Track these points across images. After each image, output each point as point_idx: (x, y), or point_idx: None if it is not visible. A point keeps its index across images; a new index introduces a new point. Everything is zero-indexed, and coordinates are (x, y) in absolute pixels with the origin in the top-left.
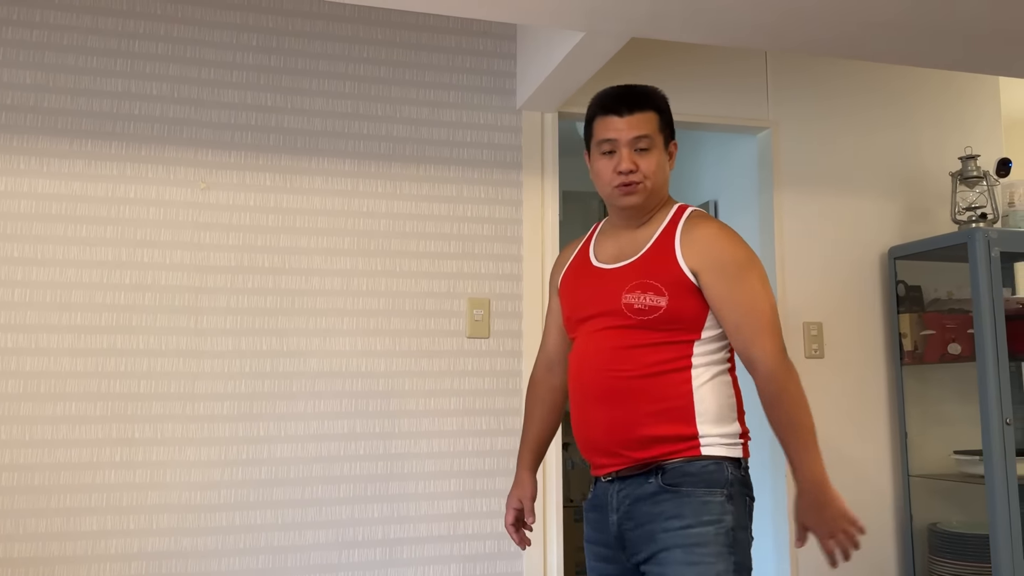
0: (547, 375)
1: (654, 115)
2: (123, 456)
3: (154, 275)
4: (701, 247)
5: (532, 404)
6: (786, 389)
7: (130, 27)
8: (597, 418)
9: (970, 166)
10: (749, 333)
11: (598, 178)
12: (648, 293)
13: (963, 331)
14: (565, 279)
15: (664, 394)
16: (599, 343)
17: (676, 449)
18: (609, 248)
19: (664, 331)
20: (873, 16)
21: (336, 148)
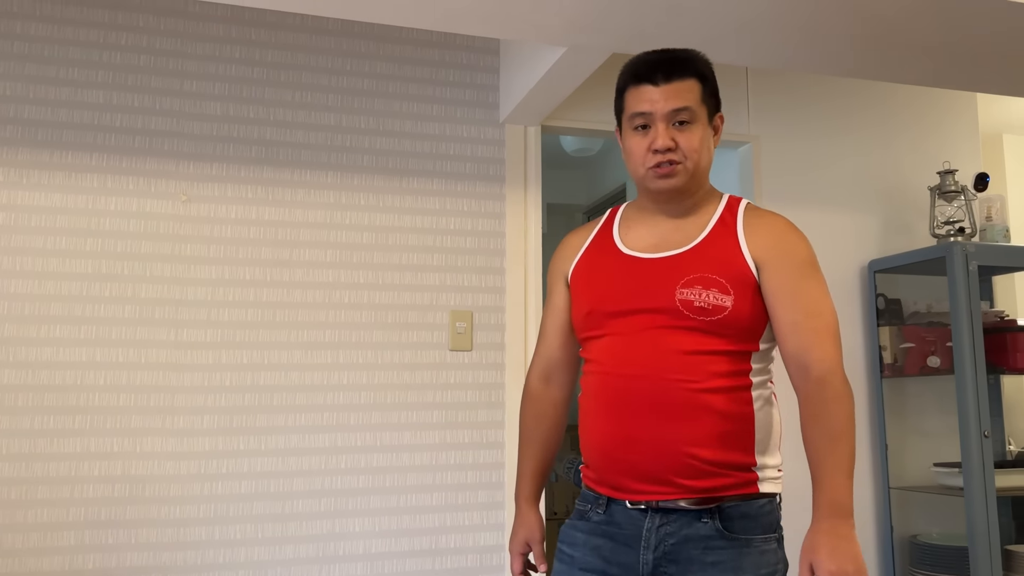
0: (546, 387)
1: (696, 83)
2: (101, 470)
3: (134, 288)
4: (770, 237)
5: (531, 423)
6: (840, 399)
7: (111, 39)
8: (643, 435)
9: (948, 181)
10: (808, 334)
11: (630, 157)
12: (712, 290)
13: (942, 344)
14: (581, 267)
15: (728, 412)
16: (652, 345)
17: (734, 482)
18: (644, 236)
19: (725, 337)
20: (850, 32)
21: (319, 161)
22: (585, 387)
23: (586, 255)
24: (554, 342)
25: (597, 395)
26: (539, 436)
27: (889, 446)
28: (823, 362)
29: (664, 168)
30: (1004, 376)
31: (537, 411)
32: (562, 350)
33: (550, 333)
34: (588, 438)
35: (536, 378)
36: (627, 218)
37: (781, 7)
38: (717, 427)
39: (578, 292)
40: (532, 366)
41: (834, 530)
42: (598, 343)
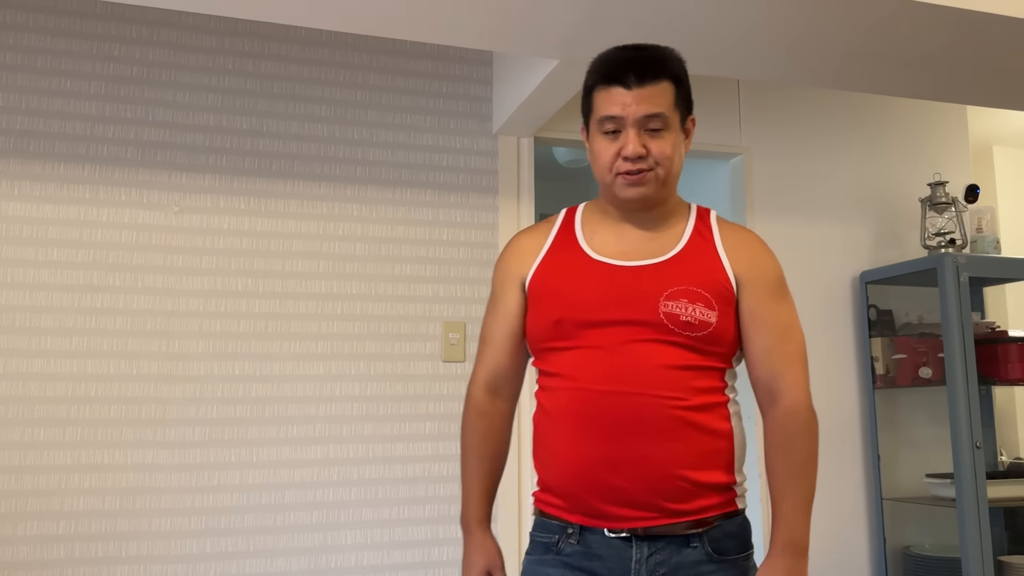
0: (492, 400)
1: (670, 86)
2: (92, 483)
3: (125, 299)
4: (750, 254)
5: (479, 437)
6: (807, 431)
7: (104, 50)
8: (629, 456)
9: (939, 192)
10: (781, 360)
11: (597, 161)
12: (697, 304)
13: (934, 355)
14: (545, 272)
15: (712, 430)
16: (637, 359)
17: (717, 502)
18: (611, 242)
19: (706, 353)
20: (841, 46)
21: (312, 172)
22: (548, 403)
23: (549, 259)
24: (503, 350)
25: (569, 413)
26: (489, 452)
27: (881, 457)
28: (794, 391)
29: (634, 176)
30: (996, 387)
31: (485, 425)
32: (511, 359)
33: (498, 340)
34: (556, 460)
35: (481, 389)
36: (589, 221)
37: (773, 21)
38: (703, 446)
39: (542, 298)
40: (476, 375)
41: (789, 570)
42: (567, 355)
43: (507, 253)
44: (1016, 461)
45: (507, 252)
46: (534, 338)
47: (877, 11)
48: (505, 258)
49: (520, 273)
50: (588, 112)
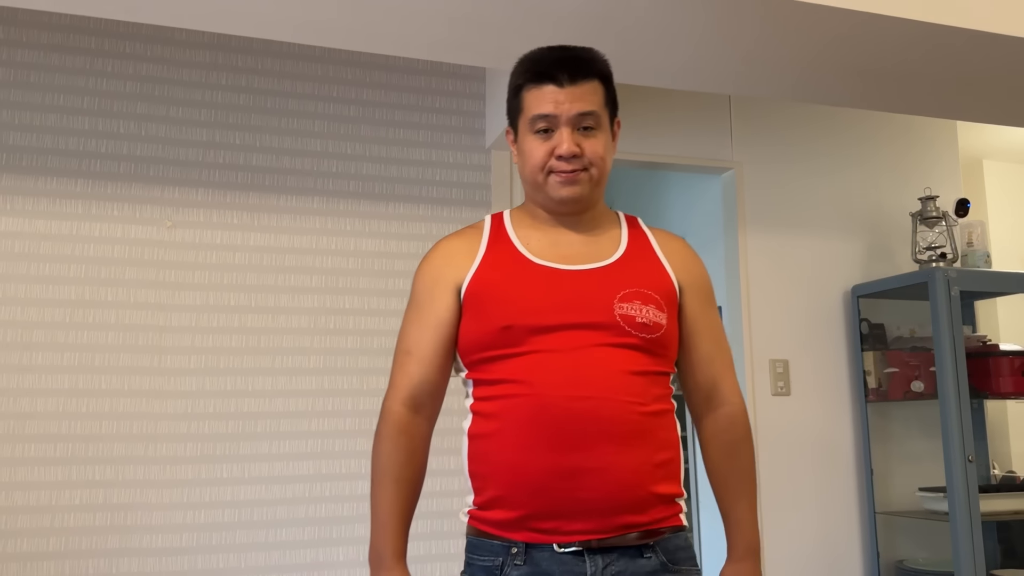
0: (414, 417)
1: (599, 85)
2: (83, 499)
3: (118, 314)
4: (685, 260)
5: (401, 458)
6: (749, 437)
7: (98, 65)
8: (593, 464)
9: (929, 207)
10: (720, 365)
11: (528, 161)
12: (650, 306)
13: (926, 368)
14: (485, 277)
15: (666, 440)
16: (597, 363)
17: (667, 514)
18: (547, 247)
19: (658, 357)
20: (831, 63)
21: (305, 186)
22: (495, 412)
23: (487, 265)
24: (432, 362)
25: (524, 421)
26: (409, 476)
27: (874, 471)
28: (734, 396)
29: (568, 175)
30: (987, 400)
31: (407, 445)
32: (438, 373)
33: (427, 352)
34: (505, 473)
35: (402, 404)
36: (520, 226)
37: (763, 38)
38: (658, 455)
39: (484, 305)
40: (395, 389)
41: (752, 573)
42: (518, 361)
43: (434, 258)
44: (1009, 474)
45: (434, 257)
46: (476, 347)
47: (866, 29)
48: (433, 263)
49: (455, 278)
50: (517, 112)
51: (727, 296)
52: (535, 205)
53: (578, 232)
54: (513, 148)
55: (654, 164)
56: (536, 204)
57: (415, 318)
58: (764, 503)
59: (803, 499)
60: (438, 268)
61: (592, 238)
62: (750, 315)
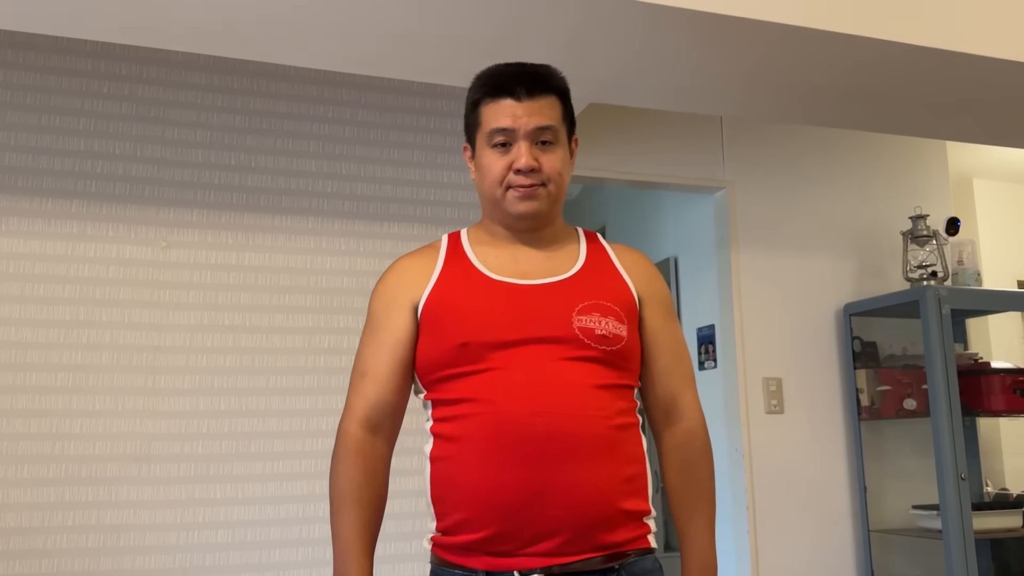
0: (373, 438)
1: (557, 101)
2: (75, 520)
3: (112, 334)
4: (644, 273)
5: (362, 480)
6: (708, 453)
7: (94, 87)
8: (559, 482)
9: (920, 225)
10: (679, 379)
11: (486, 176)
12: (609, 318)
13: (918, 386)
14: (442, 295)
15: (631, 455)
16: (559, 378)
17: (634, 535)
18: (506, 263)
19: (620, 370)
20: (823, 85)
21: (300, 206)
22: (456, 432)
23: (444, 281)
24: (388, 384)
25: (486, 439)
26: (370, 498)
27: (868, 488)
28: (693, 411)
29: (526, 189)
30: (980, 418)
31: (366, 465)
32: (396, 394)
33: (383, 372)
34: (468, 494)
35: (360, 426)
36: (477, 243)
37: (754, 62)
38: (625, 470)
39: (441, 323)
40: (352, 410)
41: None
42: (477, 379)
43: (391, 277)
44: (1002, 492)
45: (391, 276)
46: (433, 366)
47: (855, 51)
48: (389, 282)
49: (411, 297)
50: (474, 127)
51: (720, 315)
52: (493, 222)
53: (536, 248)
54: (471, 164)
55: (647, 183)
56: (494, 220)
57: (371, 339)
58: (758, 521)
59: (797, 517)
60: (393, 288)
61: (550, 253)
62: (743, 333)
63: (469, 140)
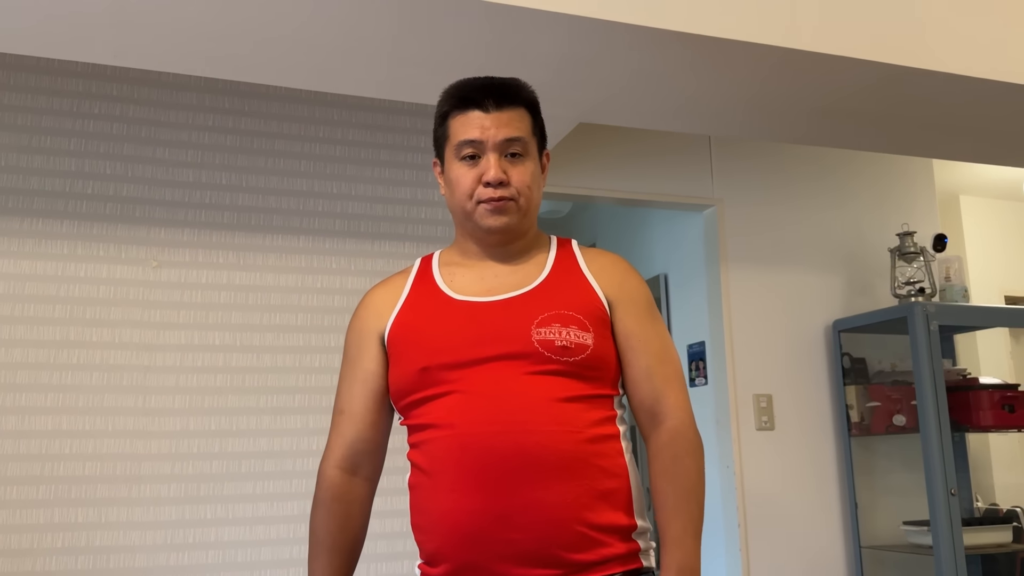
0: (351, 479)
1: (526, 113)
2: (65, 542)
3: (102, 354)
4: (615, 274)
5: (335, 527)
6: (693, 452)
7: (85, 107)
8: (521, 503)
9: (907, 242)
10: (661, 381)
11: (455, 190)
12: (571, 327)
13: (907, 402)
14: (403, 322)
15: (607, 468)
16: (518, 394)
17: (619, 553)
18: (473, 281)
19: (589, 380)
20: (808, 105)
21: (291, 225)
22: (423, 460)
23: (408, 308)
24: (363, 419)
25: (448, 464)
26: (344, 544)
27: (859, 505)
28: (677, 411)
29: (496, 203)
30: (969, 434)
31: (342, 511)
32: (372, 429)
33: (358, 407)
34: (436, 521)
35: (336, 467)
36: (447, 263)
37: (743, 82)
38: (600, 484)
39: (404, 349)
40: (329, 451)
41: None
42: (439, 403)
43: (360, 311)
44: (992, 507)
45: (360, 310)
46: (399, 392)
47: (842, 72)
48: (359, 315)
49: (377, 328)
50: (443, 141)
51: (710, 331)
52: (464, 238)
53: (505, 263)
54: (440, 180)
55: (637, 201)
56: (464, 237)
57: (346, 375)
58: (750, 538)
59: (789, 533)
60: (363, 320)
61: (518, 267)
62: (733, 350)
63: (438, 155)
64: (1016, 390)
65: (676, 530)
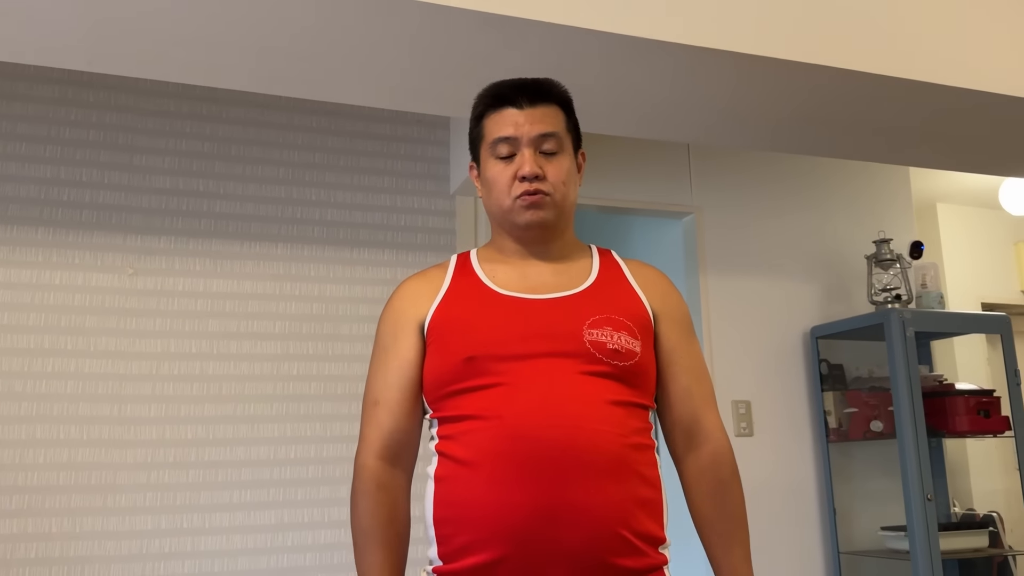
0: (393, 470)
1: (559, 111)
2: (39, 552)
3: (77, 363)
4: (661, 289)
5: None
6: (737, 476)
7: (61, 114)
8: (573, 501)
9: (884, 249)
10: (701, 399)
11: (493, 188)
12: (622, 332)
13: (884, 408)
14: (447, 312)
15: (647, 477)
16: (572, 392)
17: (649, 565)
18: (515, 279)
19: (634, 387)
20: (788, 113)
21: (269, 232)
22: (462, 451)
23: (450, 299)
24: (402, 408)
25: (495, 455)
26: (395, 536)
27: (837, 511)
28: (717, 432)
29: (532, 197)
30: (946, 439)
31: (389, 501)
32: (410, 419)
33: (394, 397)
34: (476, 514)
35: (377, 458)
36: (486, 260)
37: (721, 90)
38: (641, 492)
39: (448, 339)
40: (367, 443)
41: None
42: (484, 394)
43: (396, 301)
44: (969, 512)
45: (397, 299)
46: (440, 382)
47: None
48: (395, 305)
49: (417, 317)
50: (478, 141)
51: None
52: (502, 238)
53: (546, 262)
54: (477, 183)
55: (616, 208)
56: (503, 236)
57: (380, 364)
58: None
59: (768, 539)
60: (399, 310)
61: (561, 268)
62: (712, 357)
63: (474, 156)
64: (992, 396)
65: (735, 560)
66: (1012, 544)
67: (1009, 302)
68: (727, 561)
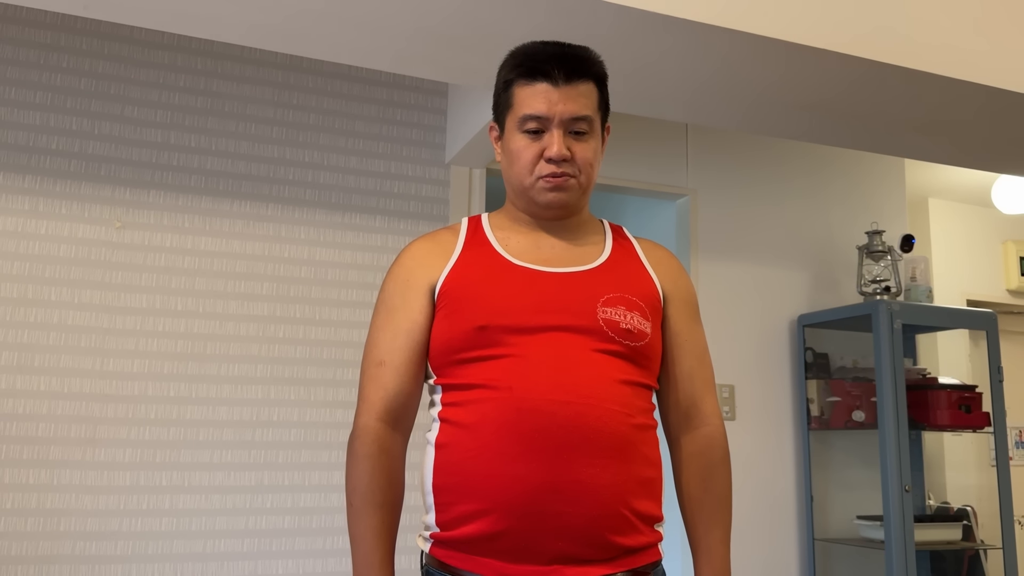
0: (392, 433)
1: (594, 88)
2: (14, 503)
3: (60, 314)
4: (672, 270)
5: (381, 483)
6: (727, 460)
7: (52, 60)
8: (581, 477)
9: (875, 241)
10: (702, 383)
11: (515, 162)
12: (635, 313)
13: (867, 399)
14: (460, 276)
15: (650, 457)
16: (583, 367)
17: (647, 542)
18: (529, 249)
19: (642, 368)
20: (784, 97)
21: (260, 192)
22: (467, 418)
23: (462, 264)
24: (408, 371)
25: (501, 425)
26: (392, 499)
27: (814, 498)
28: (714, 417)
29: (557, 179)
30: (925, 432)
31: (388, 465)
32: (413, 383)
33: (401, 359)
34: (481, 484)
35: (379, 420)
36: (499, 227)
37: (717, 70)
38: (643, 472)
39: (459, 305)
40: (369, 403)
41: None
42: (494, 364)
43: (406, 260)
44: (943, 505)
45: (405, 259)
46: (448, 348)
47: (816, 65)
48: (404, 265)
49: (428, 280)
50: (505, 109)
51: None
52: (517, 208)
53: (560, 237)
54: (496, 146)
55: (611, 188)
56: (518, 207)
57: (386, 324)
58: None
59: (744, 524)
60: (409, 270)
61: (575, 242)
62: None
63: (497, 120)
64: (973, 391)
65: (714, 541)
66: (984, 538)
67: (994, 300)
68: (705, 542)
